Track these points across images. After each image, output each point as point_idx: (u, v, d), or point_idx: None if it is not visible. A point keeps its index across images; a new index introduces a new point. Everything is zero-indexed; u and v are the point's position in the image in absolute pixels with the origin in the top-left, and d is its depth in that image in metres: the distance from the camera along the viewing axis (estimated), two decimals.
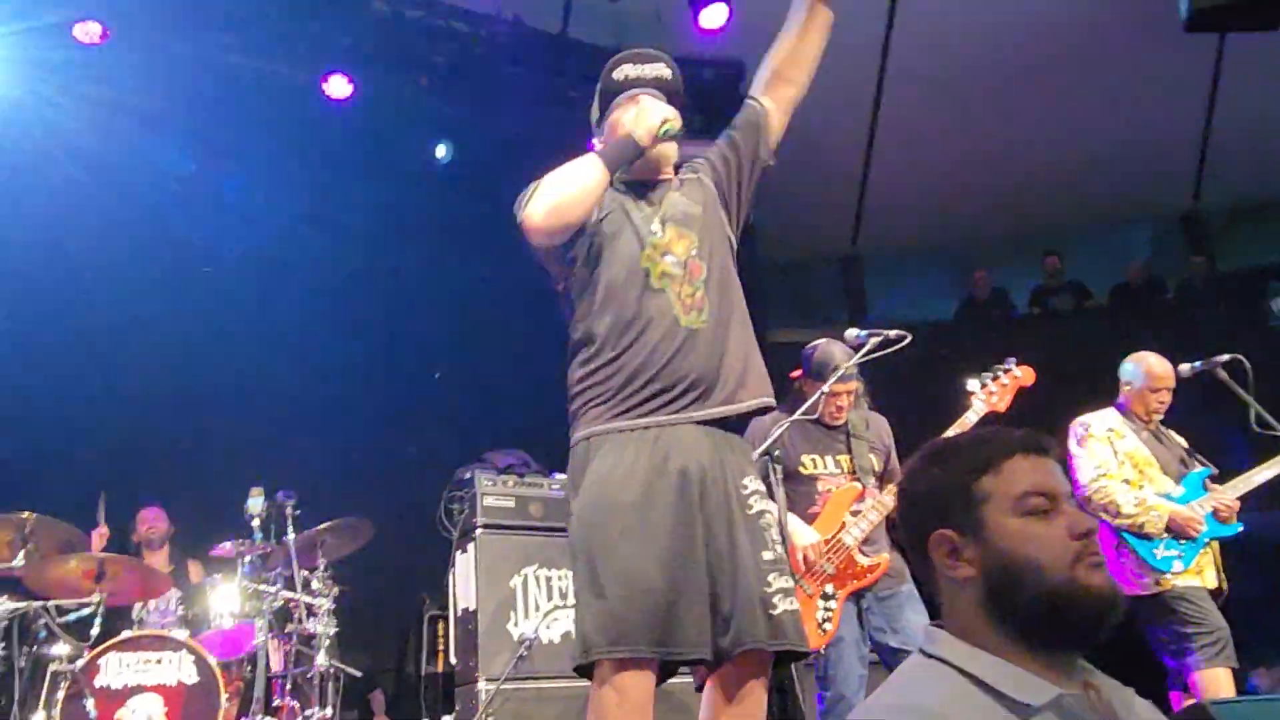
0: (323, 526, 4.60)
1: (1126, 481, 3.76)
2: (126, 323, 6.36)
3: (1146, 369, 3.90)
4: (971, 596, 1.22)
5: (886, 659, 3.38)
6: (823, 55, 2.45)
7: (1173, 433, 4.00)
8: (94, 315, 6.30)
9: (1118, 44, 8.16)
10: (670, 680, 4.22)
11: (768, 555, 2.07)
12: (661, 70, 2.45)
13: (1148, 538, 3.68)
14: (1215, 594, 3.68)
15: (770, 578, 2.03)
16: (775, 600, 2.02)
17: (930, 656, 1.23)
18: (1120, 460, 3.80)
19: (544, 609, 4.21)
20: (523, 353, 7.51)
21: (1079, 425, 3.93)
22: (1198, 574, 3.67)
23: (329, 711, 4.34)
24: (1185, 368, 3.92)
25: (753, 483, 2.14)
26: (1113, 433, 3.86)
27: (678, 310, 2.22)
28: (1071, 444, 3.91)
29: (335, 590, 4.56)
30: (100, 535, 4.92)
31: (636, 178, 2.40)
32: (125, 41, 6.35)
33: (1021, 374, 3.55)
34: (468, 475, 4.43)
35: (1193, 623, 3.54)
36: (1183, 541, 3.66)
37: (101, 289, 6.36)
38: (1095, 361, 7.97)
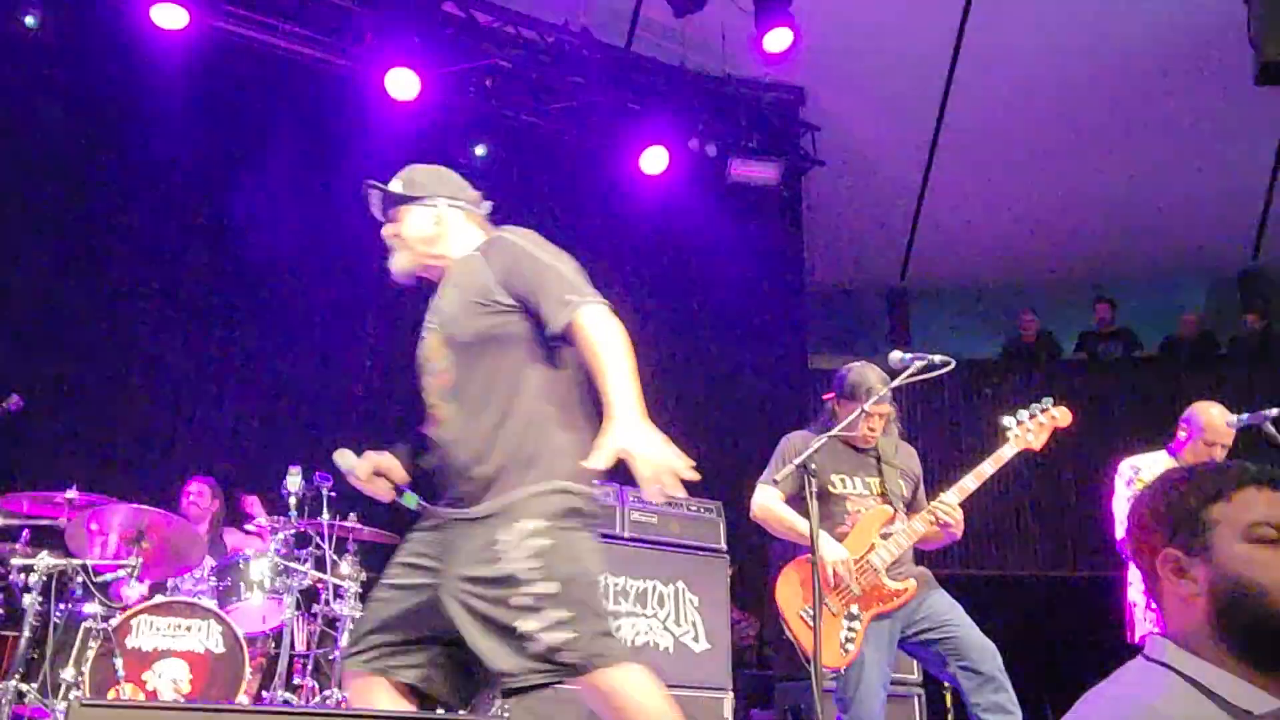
0: (354, 523, 4.66)
1: None
2: (174, 296, 6.52)
3: (1207, 421, 3.85)
4: (1198, 614, 1.29)
5: (928, 656, 3.34)
6: None
7: None
8: (145, 286, 6.45)
9: (1185, 95, 8.10)
10: (686, 692, 4.23)
11: None
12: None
13: None
14: None
15: None
16: None
17: (1153, 661, 1.31)
18: None
19: None
20: None
21: (1129, 467, 3.89)
22: None
23: (348, 694, 4.38)
24: (1232, 419, 3.86)
25: None
26: None
27: None
28: (1119, 484, 3.87)
29: (363, 575, 4.61)
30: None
31: None
32: (197, 27, 6.53)
33: (1059, 414, 3.51)
34: None
35: None
36: None
37: (155, 264, 6.52)
38: (1141, 411, 7.94)
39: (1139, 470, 3.85)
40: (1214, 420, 3.82)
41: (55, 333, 6.08)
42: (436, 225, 2.52)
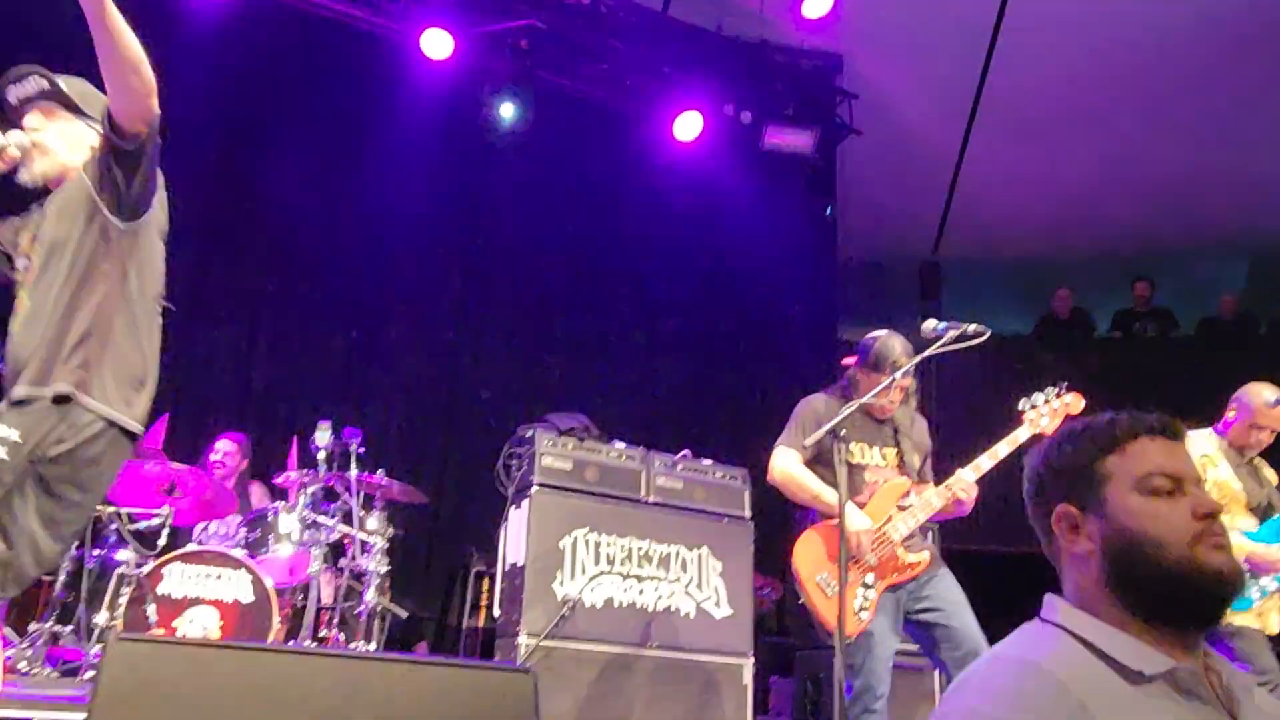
0: (381, 481, 4.71)
1: None
2: (206, 252, 6.57)
3: (1260, 404, 3.79)
4: (1092, 571, 1.25)
5: (922, 637, 3.35)
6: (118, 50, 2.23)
7: (1268, 469, 3.89)
8: (176, 243, 6.50)
9: (1231, 71, 7.89)
10: (706, 657, 4.27)
11: None
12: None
13: None
14: (1274, 641, 3.60)
15: None
16: None
17: (1047, 622, 1.27)
18: (1209, 488, 3.71)
19: (590, 572, 4.26)
20: (592, 318, 7.58)
21: None
22: (1259, 617, 3.58)
23: (373, 647, 4.46)
24: (1271, 395, 3.80)
25: None
26: (1207, 459, 3.77)
27: None
28: None
29: (390, 531, 4.67)
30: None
31: None
32: None
33: (1071, 401, 3.49)
34: (529, 434, 4.48)
35: (1244, 660, 3.47)
36: (1250, 583, 3.57)
37: (187, 222, 6.56)
38: (1177, 393, 7.78)
39: None
40: (1266, 404, 3.77)
41: None
42: (90, 148, 2.52)
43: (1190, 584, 1.18)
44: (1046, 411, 3.46)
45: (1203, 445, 3.81)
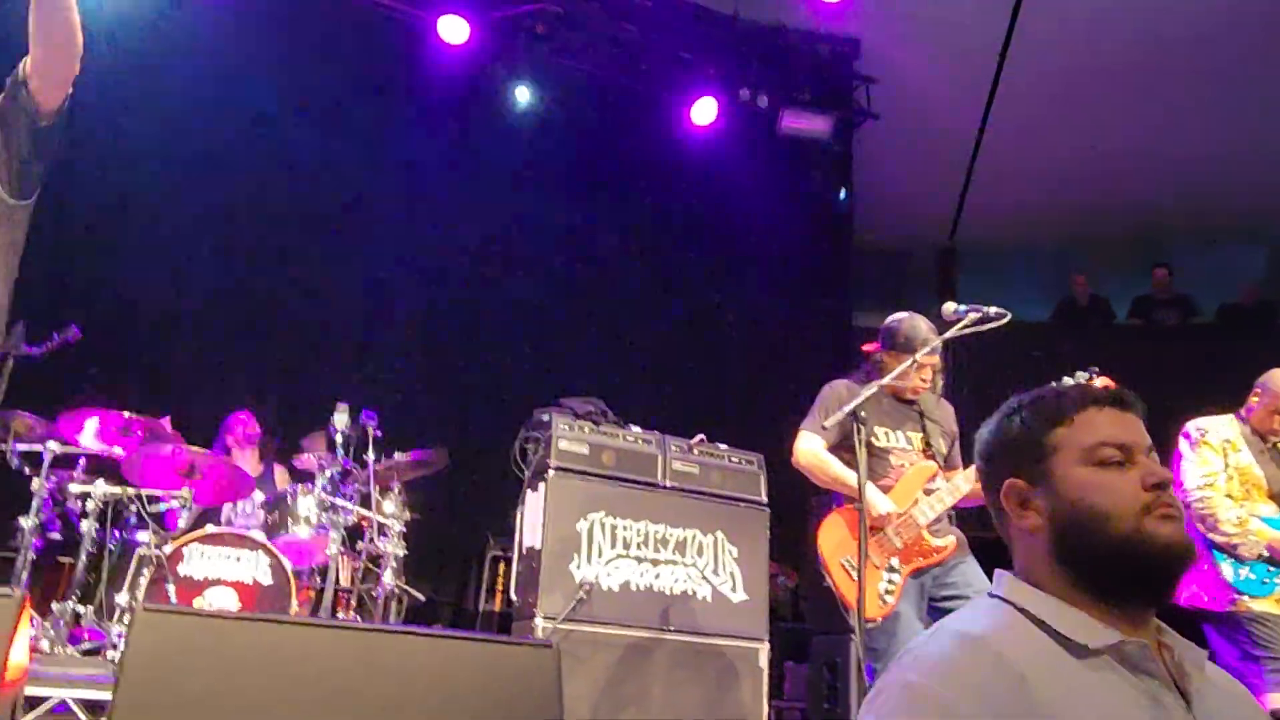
0: (402, 457, 4.73)
1: (1230, 496, 3.64)
2: (227, 235, 6.60)
3: None
4: (1040, 545, 1.22)
5: (940, 617, 3.35)
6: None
7: None
8: (198, 225, 6.54)
9: (1255, 55, 7.79)
10: (722, 641, 4.27)
11: None
12: None
13: (1239, 559, 3.56)
14: None
15: None
16: None
17: (994, 597, 1.24)
18: (1230, 474, 3.68)
19: (607, 556, 4.26)
20: (608, 302, 7.58)
21: (1196, 428, 3.80)
22: (1279, 603, 3.55)
23: None
24: None
25: None
26: (1229, 444, 3.73)
27: None
28: (1184, 445, 3.79)
29: (407, 515, 4.69)
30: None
31: None
32: None
33: (1103, 385, 3.43)
34: (545, 417, 4.48)
35: (1263, 646, 3.44)
36: (1271, 569, 3.54)
37: (209, 203, 6.59)
38: (1196, 380, 7.72)
39: (1205, 432, 3.76)
40: None
41: (112, 268, 6.19)
42: None
43: (1138, 556, 1.15)
44: None
45: (1225, 430, 3.77)
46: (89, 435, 4.28)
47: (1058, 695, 1.06)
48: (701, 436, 4.68)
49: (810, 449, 3.45)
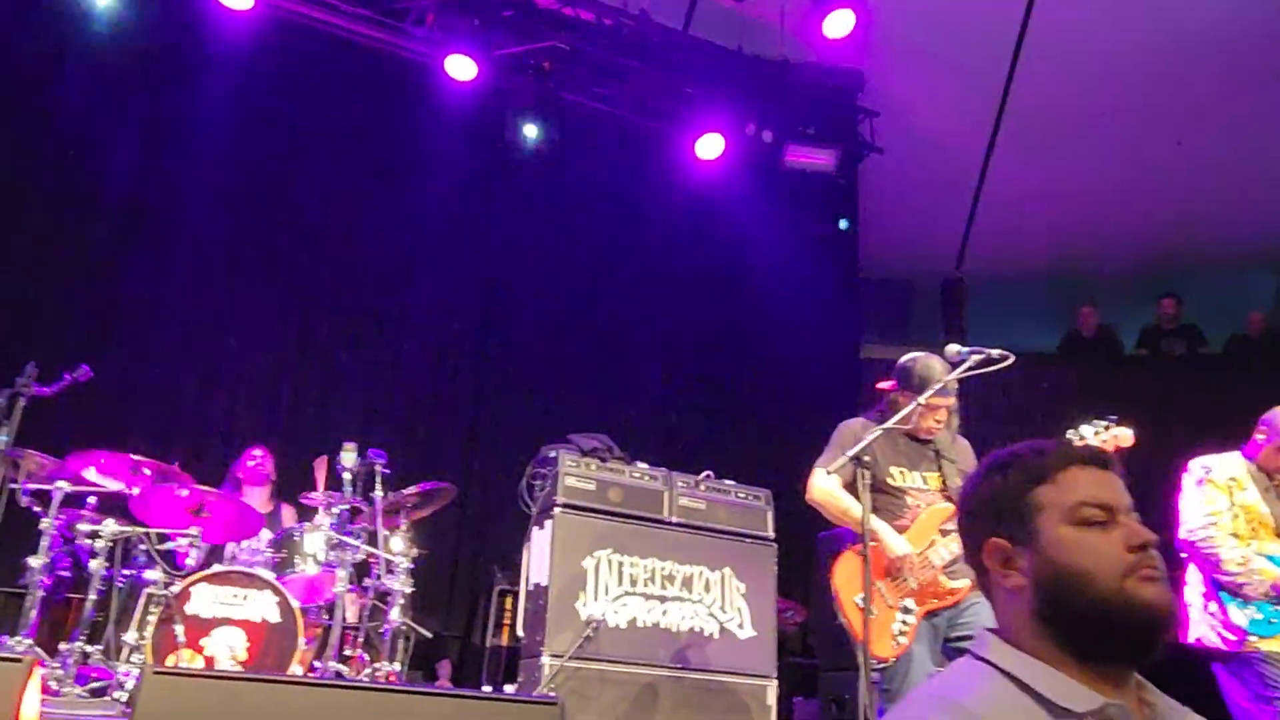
0: (410, 490, 4.75)
1: (1236, 535, 3.61)
2: (235, 271, 6.66)
3: None
4: (1023, 606, 1.22)
5: (956, 657, 3.34)
6: None
7: None
8: (207, 262, 6.60)
9: (1260, 83, 7.83)
10: (730, 679, 4.25)
11: None
12: None
13: (1244, 599, 3.54)
14: None
15: None
16: None
17: (977, 659, 1.24)
18: (1235, 512, 3.65)
19: (614, 593, 4.26)
20: (615, 338, 7.61)
21: (1200, 466, 3.77)
22: None
23: (397, 667, 4.47)
24: None
25: None
26: (1234, 482, 3.69)
27: None
28: (1188, 482, 3.76)
29: (414, 551, 4.69)
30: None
31: None
32: (262, 8, 6.63)
33: (1121, 435, 3.40)
34: (552, 454, 4.49)
35: (1273, 686, 3.41)
36: (1278, 607, 3.51)
37: (218, 240, 6.66)
38: (1204, 412, 7.72)
39: (1210, 470, 3.73)
40: None
41: (121, 306, 6.25)
42: None
43: (1121, 618, 1.15)
44: (1095, 444, 3.39)
45: (1231, 468, 3.74)
46: (98, 475, 4.30)
47: None
48: (708, 473, 4.69)
49: (824, 486, 3.45)
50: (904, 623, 3.25)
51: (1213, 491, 3.68)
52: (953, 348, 3.17)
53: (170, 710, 1.32)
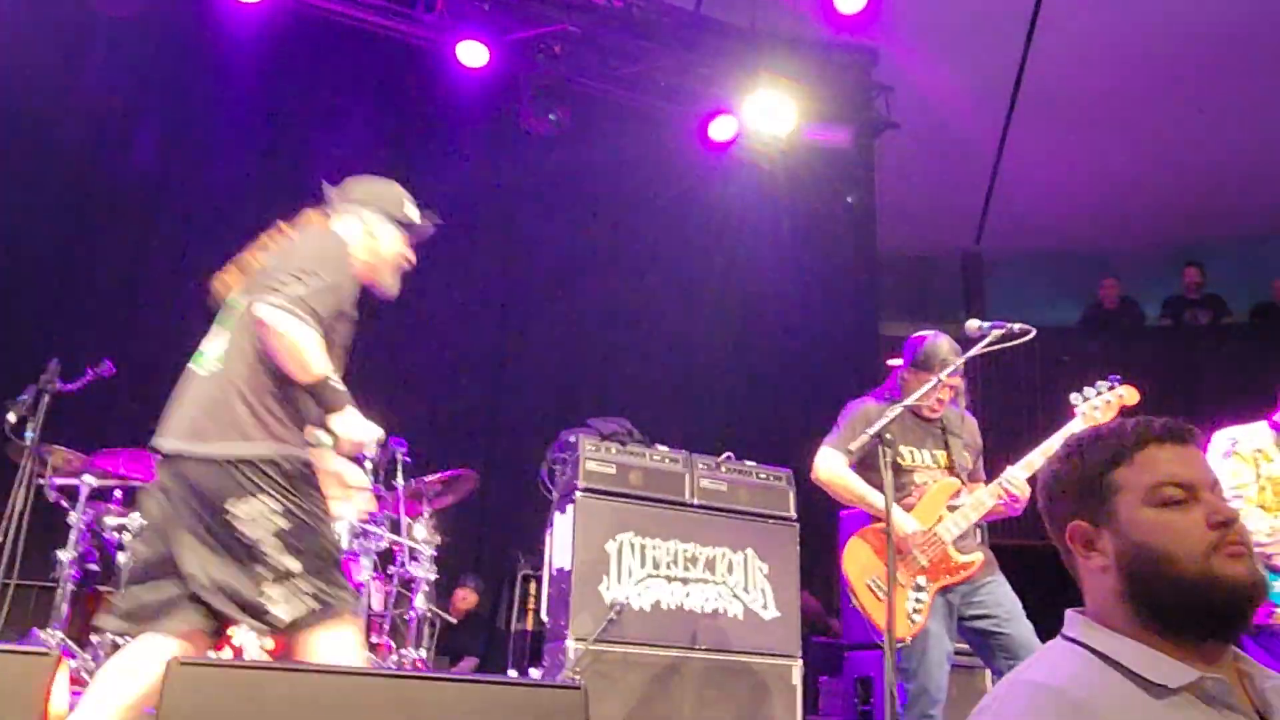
0: (432, 478, 4.77)
1: (1263, 507, 3.58)
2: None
3: None
4: (1109, 587, 1.22)
5: (978, 644, 3.33)
6: None
7: None
8: (223, 252, 6.62)
9: (1276, 54, 7.70)
10: (755, 659, 4.26)
11: None
12: None
13: (1274, 569, 3.50)
14: None
15: None
16: None
17: (1069, 639, 1.24)
18: (1261, 484, 3.61)
19: (637, 576, 4.27)
20: (632, 320, 7.59)
21: (1226, 438, 3.72)
22: None
23: (422, 653, 4.51)
24: None
25: None
26: (1260, 454, 3.65)
27: None
28: (1213, 454, 3.72)
29: (437, 539, 4.72)
30: None
31: None
32: None
33: (1126, 393, 3.42)
34: (572, 439, 4.50)
35: None
36: None
37: (233, 231, 6.68)
38: (1229, 381, 7.65)
39: (1236, 442, 3.69)
40: None
41: (143, 298, 6.29)
42: None
43: (1208, 597, 1.14)
44: (1100, 404, 3.40)
45: (1257, 439, 3.70)
46: (124, 469, 4.34)
47: None
48: (729, 454, 4.68)
49: (832, 466, 3.44)
50: (918, 600, 3.25)
51: (1239, 464, 3.64)
52: (973, 323, 3.15)
53: (196, 701, 1.33)
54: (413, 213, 2.99)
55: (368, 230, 2.87)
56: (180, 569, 2.28)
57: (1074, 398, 3.43)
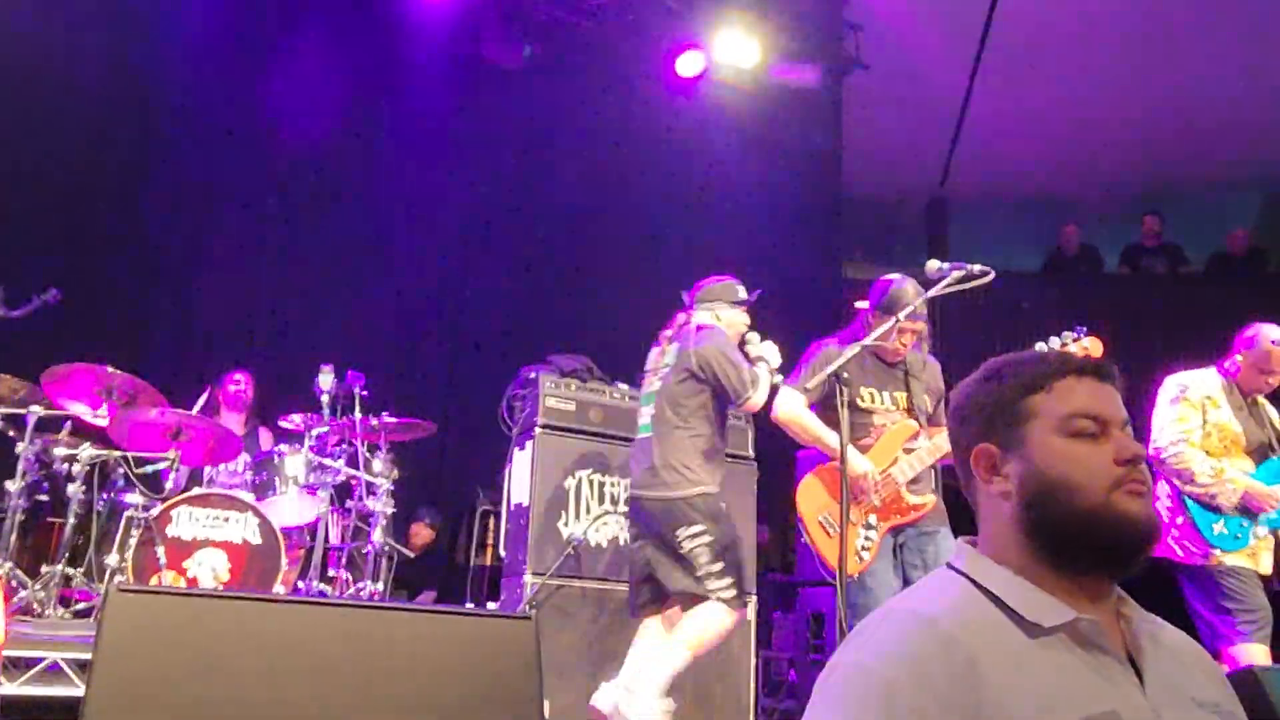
0: (390, 420, 4.71)
1: (1207, 452, 3.66)
2: (210, 190, 6.52)
3: (1268, 347, 3.71)
4: (1006, 513, 1.20)
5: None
6: None
7: (1272, 411, 3.85)
8: (181, 179, 6.45)
9: (1238, 5, 7.70)
10: None
11: None
12: None
13: (1215, 509, 3.59)
14: (1265, 581, 3.61)
15: None
16: None
17: (952, 569, 1.23)
18: (1207, 431, 3.68)
19: (594, 512, 4.29)
20: (593, 258, 7.52)
21: (1175, 384, 3.78)
22: (1251, 557, 3.59)
23: (379, 586, 4.52)
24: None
25: None
26: (1209, 400, 3.71)
27: None
28: (1162, 399, 3.78)
29: (395, 473, 4.70)
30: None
31: None
32: None
33: (1090, 344, 3.44)
34: (532, 375, 4.48)
35: (1235, 598, 3.48)
36: (1245, 524, 3.58)
37: (191, 158, 6.49)
38: (1185, 329, 7.78)
39: (1186, 389, 3.75)
40: (1275, 347, 3.70)
41: (92, 227, 6.11)
42: None
43: (1103, 530, 1.14)
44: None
45: (1206, 386, 3.76)
46: (69, 398, 4.25)
47: (1007, 677, 1.06)
48: None
49: (791, 406, 3.46)
50: (867, 539, 3.30)
51: (1186, 409, 3.71)
52: (933, 263, 3.14)
53: (139, 628, 1.31)
54: (743, 294, 4.04)
55: (715, 316, 3.99)
56: None
57: (1039, 346, 3.44)
